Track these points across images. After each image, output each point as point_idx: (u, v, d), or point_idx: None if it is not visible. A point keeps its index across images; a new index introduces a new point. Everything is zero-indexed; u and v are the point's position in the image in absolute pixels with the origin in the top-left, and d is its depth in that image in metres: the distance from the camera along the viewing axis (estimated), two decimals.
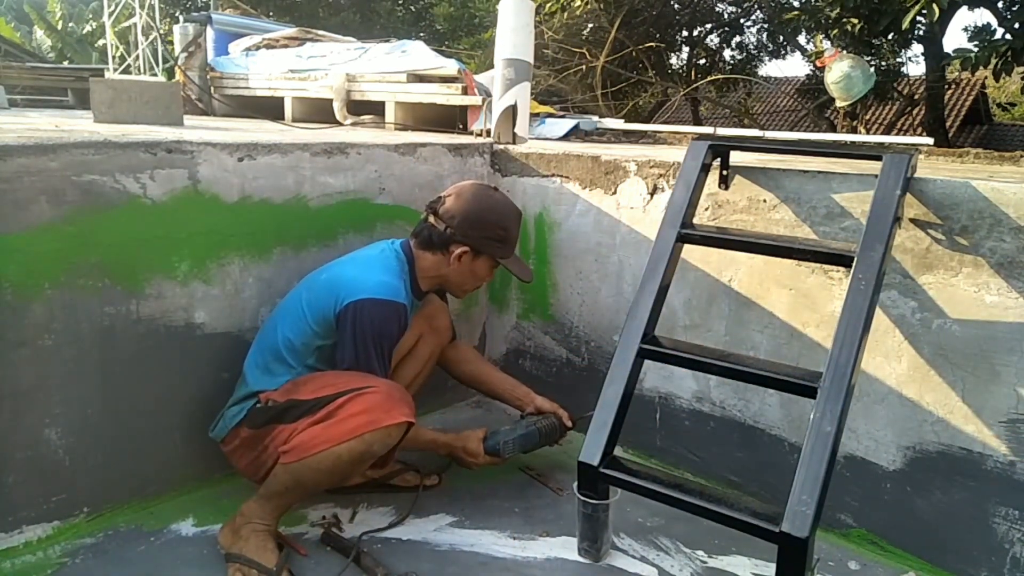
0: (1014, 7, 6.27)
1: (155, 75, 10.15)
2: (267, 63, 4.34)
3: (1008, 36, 5.64)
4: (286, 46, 4.58)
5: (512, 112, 2.83)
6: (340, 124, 3.78)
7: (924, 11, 5.65)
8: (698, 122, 11.75)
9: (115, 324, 1.89)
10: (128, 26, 12.18)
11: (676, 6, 10.19)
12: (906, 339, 1.88)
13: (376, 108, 3.75)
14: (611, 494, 1.84)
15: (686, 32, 10.95)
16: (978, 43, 5.70)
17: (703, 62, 11.53)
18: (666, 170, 2.27)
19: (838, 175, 1.95)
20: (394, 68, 3.72)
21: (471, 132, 3.36)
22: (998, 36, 5.70)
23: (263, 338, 1.99)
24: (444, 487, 2.21)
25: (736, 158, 2.19)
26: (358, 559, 1.83)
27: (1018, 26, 5.67)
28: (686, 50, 11.40)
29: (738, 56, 11.67)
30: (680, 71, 11.12)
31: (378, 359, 1.87)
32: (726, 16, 10.91)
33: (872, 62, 7.93)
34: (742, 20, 10.94)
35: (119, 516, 1.96)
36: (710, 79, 10.59)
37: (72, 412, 1.85)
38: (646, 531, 2.04)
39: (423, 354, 2.27)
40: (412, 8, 14.82)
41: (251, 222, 2.11)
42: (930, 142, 3.47)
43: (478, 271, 2.08)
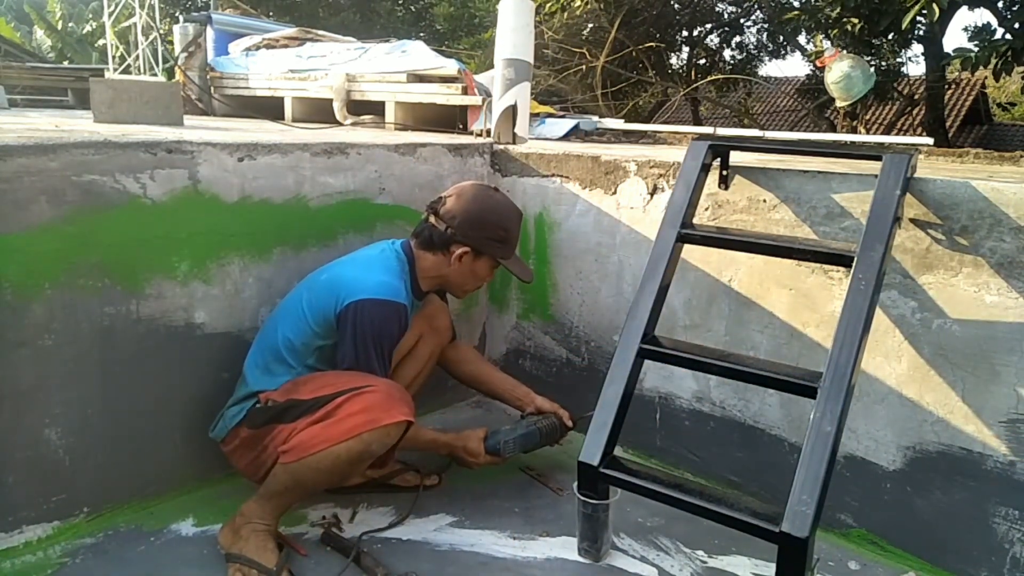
0: (1014, 7, 6.28)
1: (155, 75, 10.16)
2: (267, 63, 4.34)
3: (1008, 36, 5.64)
4: (286, 46, 4.58)
5: (512, 112, 2.83)
6: (340, 124, 3.78)
7: (924, 11, 5.65)
8: (698, 122, 11.75)
9: (115, 324, 1.89)
10: (128, 26, 12.19)
11: (676, 6, 10.19)
12: (906, 339, 1.88)
13: (376, 108, 3.75)
14: (611, 494, 1.84)
15: (686, 32, 10.96)
16: (978, 43, 5.70)
17: (703, 62, 11.55)
18: (666, 170, 2.27)
19: (838, 175, 1.95)
20: (394, 68, 3.72)
21: (471, 132, 3.36)
22: (998, 36, 5.71)
23: (263, 338, 1.99)
24: (444, 487, 2.21)
25: (736, 158, 2.19)
26: (358, 559, 1.83)
27: (1018, 26, 5.67)
28: (686, 50, 11.41)
29: (738, 56, 11.69)
30: (680, 71, 11.13)
31: (378, 359, 1.87)
32: (726, 16, 10.92)
33: (872, 62, 7.93)
34: (742, 20, 10.95)
35: (119, 516, 1.96)
36: (710, 79, 10.60)
37: (72, 412, 1.85)
38: (646, 531, 2.04)
39: (423, 354, 2.27)
40: (412, 8, 14.84)
41: (251, 222, 2.11)
42: (930, 142, 3.47)
43: (479, 271, 2.08)
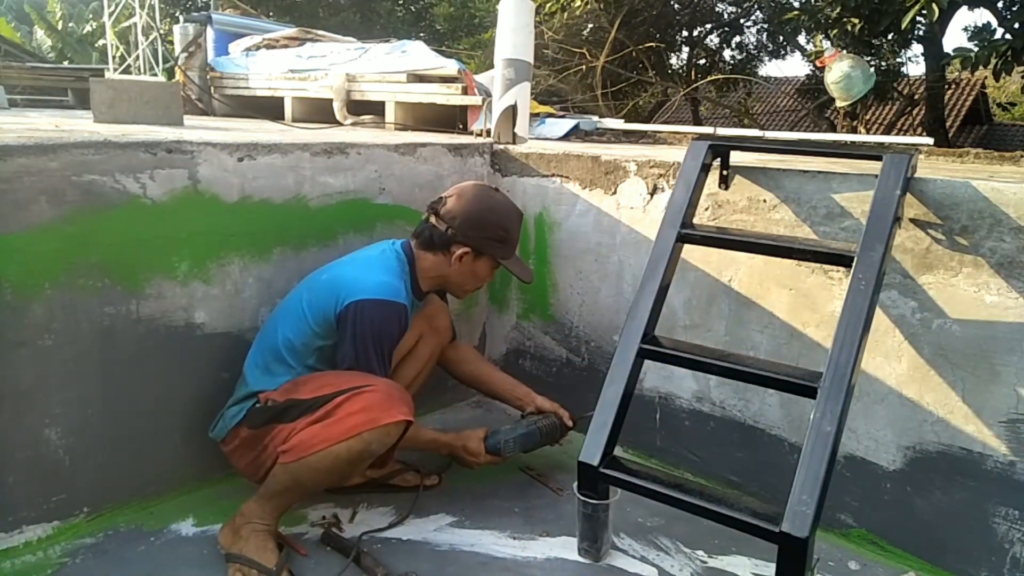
0: (1014, 7, 6.28)
1: (155, 75, 10.15)
2: (267, 63, 4.34)
3: (1008, 36, 5.64)
4: (286, 46, 4.58)
5: (512, 112, 2.83)
6: (340, 124, 3.78)
7: (924, 11, 5.64)
8: (698, 122, 11.76)
9: (115, 324, 1.89)
10: (128, 26, 12.19)
11: (676, 6, 10.20)
12: (906, 339, 1.88)
13: (376, 108, 3.75)
14: (611, 494, 1.84)
15: (686, 32, 10.96)
16: (978, 43, 5.70)
17: (703, 62, 11.55)
18: (666, 170, 2.27)
19: (838, 175, 1.95)
20: (394, 68, 3.72)
21: (471, 132, 3.36)
22: (998, 36, 5.71)
23: (263, 338, 1.99)
24: (444, 487, 2.21)
25: (736, 158, 2.19)
26: (358, 559, 1.83)
27: (1018, 26, 5.67)
28: (686, 50, 11.41)
29: (738, 56, 11.69)
30: (680, 71, 11.13)
31: (378, 359, 1.87)
32: (726, 16, 10.92)
33: (872, 62, 7.93)
34: (742, 20, 10.95)
35: (119, 516, 1.96)
36: (710, 79, 10.61)
37: (72, 412, 1.85)
38: (646, 531, 2.04)
39: (423, 354, 2.27)
40: (412, 8, 14.84)
41: (251, 222, 2.11)
42: (930, 142, 3.47)
43: (479, 272, 2.08)
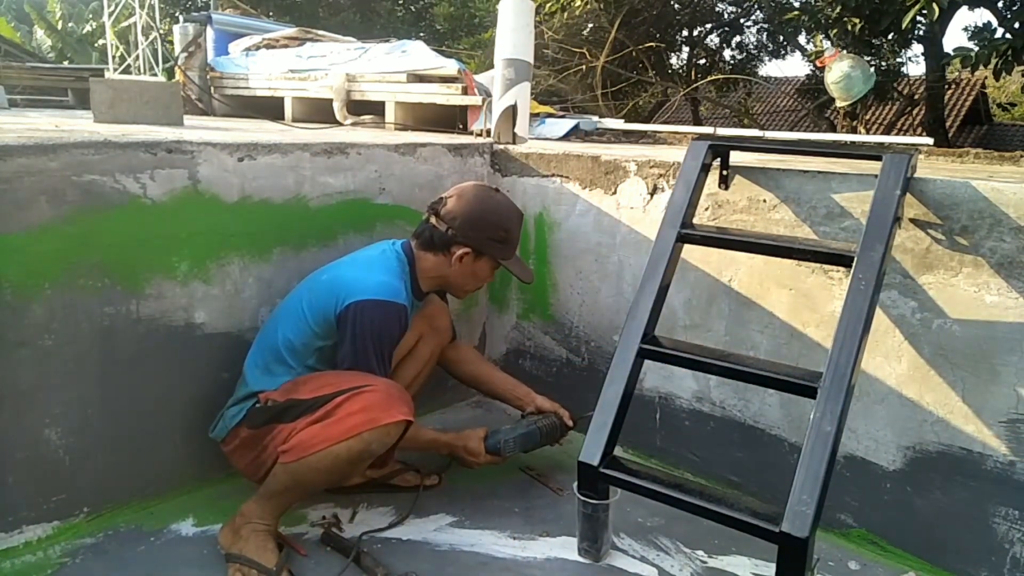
0: (1014, 7, 6.28)
1: (155, 75, 10.15)
2: (267, 63, 4.34)
3: (1008, 35, 5.64)
4: (286, 46, 4.58)
5: (512, 112, 2.83)
6: (340, 124, 3.78)
7: (924, 11, 5.65)
8: (698, 122, 11.76)
9: (115, 324, 1.89)
10: (128, 26, 12.20)
11: (676, 6, 10.20)
12: (906, 339, 1.88)
13: (376, 108, 3.75)
14: (611, 494, 1.84)
15: (686, 32, 10.97)
16: (978, 42, 5.70)
17: (703, 62, 11.55)
18: (666, 170, 2.27)
19: (838, 175, 1.95)
20: (394, 68, 3.72)
21: (471, 132, 3.36)
22: (998, 35, 5.71)
23: (263, 338, 1.99)
24: (444, 487, 2.21)
25: (736, 158, 2.19)
26: (358, 559, 1.83)
27: (1018, 25, 5.67)
28: (686, 50, 11.42)
29: (738, 56, 11.70)
30: (680, 71, 11.14)
31: (378, 360, 1.87)
32: (726, 16, 10.92)
33: (872, 62, 7.93)
34: (742, 20, 10.96)
35: (119, 516, 1.96)
36: (710, 79, 10.61)
37: (72, 412, 1.85)
38: (646, 531, 2.04)
39: (423, 354, 2.27)
40: (412, 8, 14.84)
41: (251, 222, 2.11)
42: (930, 142, 3.47)
43: (479, 272, 2.08)
